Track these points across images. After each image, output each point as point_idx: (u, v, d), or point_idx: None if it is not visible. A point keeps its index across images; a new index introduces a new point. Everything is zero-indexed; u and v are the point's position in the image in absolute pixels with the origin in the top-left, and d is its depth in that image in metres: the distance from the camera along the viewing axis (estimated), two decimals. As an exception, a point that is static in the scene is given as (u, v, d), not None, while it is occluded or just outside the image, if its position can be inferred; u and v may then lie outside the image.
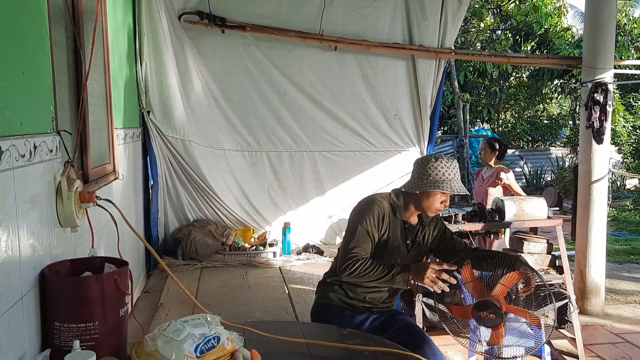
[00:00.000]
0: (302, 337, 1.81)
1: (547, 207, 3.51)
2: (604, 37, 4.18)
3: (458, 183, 2.15)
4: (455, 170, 2.17)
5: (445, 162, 2.17)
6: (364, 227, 2.15)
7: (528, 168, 12.71)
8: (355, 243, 2.13)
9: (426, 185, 2.14)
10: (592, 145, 4.24)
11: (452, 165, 2.17)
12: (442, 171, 2.14)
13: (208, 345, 1.47)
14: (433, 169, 2.15)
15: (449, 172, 2.14)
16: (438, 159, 2.18)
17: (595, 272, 4.32)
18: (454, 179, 2.15)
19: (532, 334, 2.98)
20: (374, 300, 2.26)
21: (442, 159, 2.18)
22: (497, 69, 12.76)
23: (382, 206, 2.21)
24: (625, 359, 3.53)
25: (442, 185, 2.12)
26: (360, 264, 2.09)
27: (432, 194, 2.15)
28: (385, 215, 2.20)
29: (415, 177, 2.22)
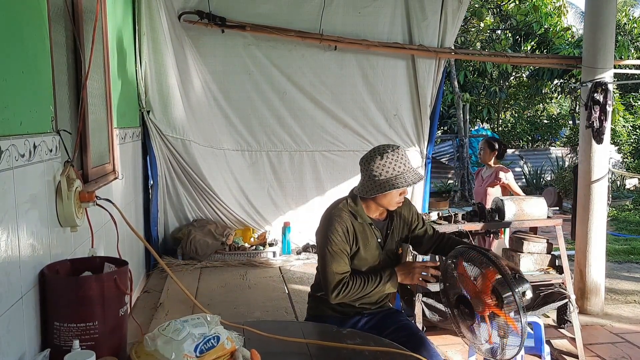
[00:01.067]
0: (302, 337, 1.81)
1: (547, 206, 3.51)
2: (604, 37, 4.18)
3: (411, 173, 2.03)
4: (403, 160, 2.04)
5: (391, 155, 2.03)
6: (333, 248, 2.06)
7: (528, 168, 12.71)
8: (334, 268, 2.05)
9: (378, 187, 2.03)
10: (592, 145, 4.24)
11: (398, 157, 2.03)
12: (391, 167, 2.02)
13: (208, 345, 1.47)
14: (380, 167, 2.02)
15: (398, 165, 2.02)
16: (382, 154, 2.03)
17: (595, 272, 4.32)
18: (405, 170, 2.03)
19: (532, 333, 2.98)
20: (366, 304, 2.22)
21: (386, 153, 2.04)
22: (497, 68, 12.76)
23: (342, 218, 2.09)
24: (625, 358, 3.54)
25: (395, 182, 2.01)
26: (350, 287, 2.04)
27: (388, 192, 2.04)
28: (349, 226, 2.09)
29: (365, 180, 2.09)
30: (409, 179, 2.02)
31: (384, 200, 2.09)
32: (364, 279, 2.07)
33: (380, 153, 2.04)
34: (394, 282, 2.08)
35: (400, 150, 2.06)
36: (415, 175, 2.04)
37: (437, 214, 3.73)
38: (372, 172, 2.04)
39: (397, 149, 2.06)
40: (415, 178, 2.03)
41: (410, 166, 2.06)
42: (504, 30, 12.85)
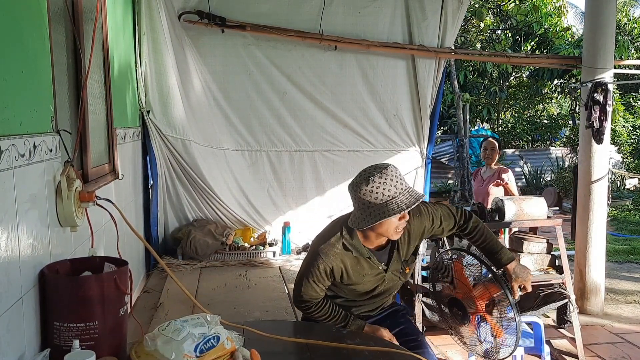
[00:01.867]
0: (302, 337, 1.81)
1: (547, 207, 3.51)
2: (604, 37, 4.18)
3: (405, 195, 1.81)
4: (394, 181, 1.82)
5: (379, 178, 1.81)
6: (311, 279, 1.96)
7: (528, 168, 12.71)
8: (304, 292, 1.98)
9: (368, 218, 1.82)
10: (592, 145, 4.24)
11: (389, 179, 1.82)
12: (381, 191, 1.80)
13: (208, 344, 1.47)
14: (368, 194, 1.82)
15: (389, 188, 1.81)
16: (369, 179, 1.82)
17: (595, 272, 4.32)
18: (398, 192, 1.81)
19: (531, 333, 2.98)
20: (368, 312, 2.18)
21: (374, 176, 1.82)
22: (497, 68, 12.76)
23: (329, 258, 1.93)
24: (625, 358, 3.54)
25: (387, 210, 1.79)
26: (313, 312, 2.01)
27: (384, 221, 1.83)
28: (336, 265, 1.95)
29: (357, 210, 1.88)
30: (402, 203, 1.79)
31: (381, 229, 1.89)
32: (329, 315, 2.01)
33: (366, 178, 1.84)
34: (359, 331, 2.01)
35: (388, 171, 1.84)
36: (410, 197, 1.81)
37: (437, 214, 3.72)
38: (361, 200, 1.85)
39: (384, 170, 1.84)
40: (410, 200, 1.80)
41: (405, 186, 1.84)
42: (504, 30, 12.85)
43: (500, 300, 1.95)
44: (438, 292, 2.14)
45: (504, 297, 1.94)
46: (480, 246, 2.16)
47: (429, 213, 2.08)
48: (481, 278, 1.99)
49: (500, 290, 1.94)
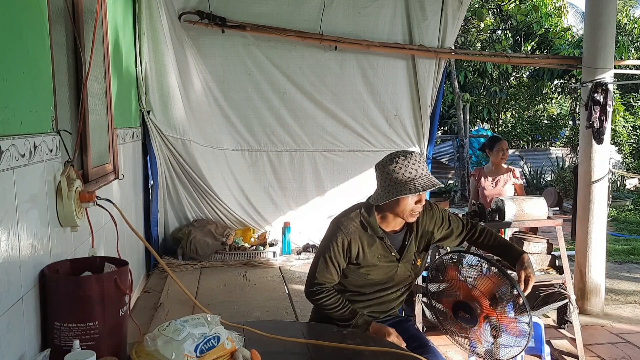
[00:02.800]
0: (302, 337, 1.81)
1: (547, 207, 3.51)
2: (604, 37, 4.18)
3: (424, 179, 1.93)
4: (417, 166, 1.94)
5: (403, 160, 1.94)
6: (328, 256, 2.02)
7: (528, 168, 12.71)
8: (319, 273, 2.03)
9: (388, 193, 1.94)
10: (592, 145, 4.23)
11: (412, 162, 1.94)
12: (402, 171, 1.92)
13: (208, 345, 1.47)
14: (392, 173, 1.94)
15: (410, 170, 1.92)
16: (394, 160, 1.95)
17: (595, 272, 4.31)
18: (417, 176, 1.92)
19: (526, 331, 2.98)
20: (374, 313, 2.16)
21: (399, 158, 1.95)
22: (497, 68, 12.76)
23: (348, 230, 2.01)
24: (625, 359, 3.53)
25: (405, 188, 1.90)
26: (323, 298, 2.02)
27: (400, 200, 1.94)
28: (353, 239, 2.01)
29: (379, 187, 2.02)
30: (419, 185, 1.90)
31: (398, 208, 1.98)
32: (338, 305, 2.02)
33: (391, 158, 1.97)
34: (363, 329, 2.00)
35: (413, 156, 1.97)
36: (428, 182, 1.92)
37: (437, 214, 3.72)
38: (383, 177, 1.97)
39: (409, 155, 1.97)
40: (427, 184, 1.91)
41: (425, 172, 1.95)
42: (504, 31, 12.85)
43: (502, 296, 1.95)
44: (438, 294, 2.14)
45: (507, 290, 1.93)
46: (493, 245, 2.21)
47: (439, 211, 2.18)
48: (480, 277, 1.99)
49: (502, 284, 1.94)
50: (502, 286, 1.95)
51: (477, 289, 1.96)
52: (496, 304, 1.96)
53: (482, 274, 1.99)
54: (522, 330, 1.95)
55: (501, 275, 1.97)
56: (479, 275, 1.99)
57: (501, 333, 1.96)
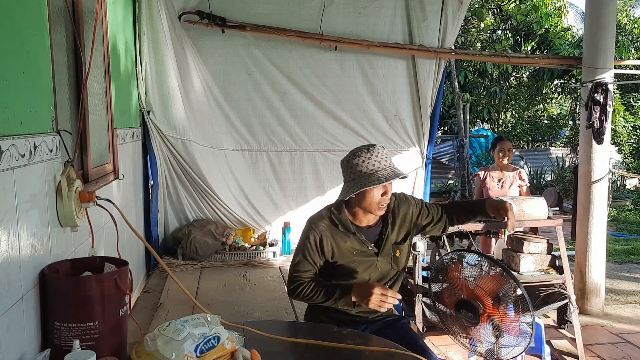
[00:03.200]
0: (302, 337, 1.81)
1: (547, 207, 3.51)
2: (604, 37, 4.18)
3: (387, 170, 1.92)
4: (379, 158, 1.94)
5: (366, 153, 1.94)
6: (302, 255, 2.03)
7: (528, 168, 12.71)
8: (295, 268, 2.04)
9: (353, 187, 1.94)
10: (592, 145, 4.23)
11: (374, 154, 1.94)
12: (365, 164, 1.93)
13: (208, 345, 1.47)
14: (355, 167, 1.95)
15: (373, 163, 1.92)
16: (357, 154, 1.96)
17: (595, 272, 4.31)
18: (380, 167, 1.92)
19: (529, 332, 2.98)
20: (363, 313, 2.12)
21: (361, 151, 1.96)
22: (497, 69, 12.76)
23: (318, 228, 2.03)
24: (625, 359, 3.53)
25: (368, 180, 1.91)
26: (302, 289, 2.00)
27: (365, 193, 1.94)
28: (323, 237, 2.02)
29: (344, 182, 2.03)
30: (383, 177, 1.90)
31: (365, 202, 1.99)
32: (318, 289, 2.00)
33: (354, 153, 1.99)
34: (348, 301, 1.93)
35: (375, 149, 1.97)
36: (392, 172, 1.92)
37: (437, 214, 3.72)
38: (347, 173, 1.99)
39: (372, 148, 1.97)
40: (391, 174, 1.91)
41: (388, 164, 1.95)
42: (504, 31, 12.85)
43: (505, 295, 1.94)
44: (440, 294, 2.14)
45: (510, 290, 1.93)
46: (471, 208, 2.32)
47: (414, 201, 2.22)
48: (482, 277, 1.99)
49: (505, 283, 1.94)
50: (506, 285, 1.95)
51: (480, 288, 1.96)
52: (499, 303, 1.96)
53: (483, 272, 1.99)
54: (524, 330, 1.95)
55: (504, 275, 1.97)
56: (481, 275, 1.99)
57: (503, 333, 1.96)
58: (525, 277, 3.23)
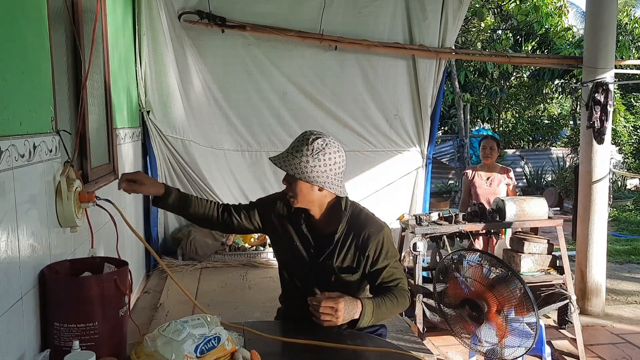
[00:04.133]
0: (302, 337, 1.81)
1: (548, 207, 3.51)
2: (605, 37, 4.18)
3: (282, 154, 1.84)
4: (292, 142, 1.84)
5: (299, 136, 1.85)
6: (257, 200, 2.10)
7: (529, 168, 12.71)
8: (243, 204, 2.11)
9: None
10: (593, 145, 4.23)
11: (296, 139, 1.84)
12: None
13: (208, 345, 1.47)
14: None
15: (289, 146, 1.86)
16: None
17: (596, 273, 4.31)
18: (285, 150, 1.84)
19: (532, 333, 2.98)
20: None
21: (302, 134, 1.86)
22: (498, 68, 12.76)
23: (274, 198, 2.02)
24: (625, 359, 3.53)
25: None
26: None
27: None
28: (273, 210, 1.98)
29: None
30: (275, 157, 1.85)
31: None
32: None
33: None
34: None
35: (304, 134, 1.84)
36: (279, 156, 1.83)
37: (437, 215, 3.72)
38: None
39: (305, 133, 1.85)
40: (276, 157, 1.84)
41: (289, 149, 1.83)
42: (505, 30, 12.85)
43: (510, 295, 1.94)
44: (444, 292, 2.14)
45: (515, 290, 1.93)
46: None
47: (382, 244, 1.87)
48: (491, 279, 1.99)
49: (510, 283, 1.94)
50: (511, 285, 1.95)
51: (484, 287, 1.96)
52: (504, 303, 1.96)
53: (484, 271, 1.99)
54: (527, 331, 1.95)
55: (509, 275, 1.97)
56: (484, 274, 1.99)
57: (507, 333, 1.96)
58: (525, 277, 3.23)
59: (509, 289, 1.94)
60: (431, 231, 3.52)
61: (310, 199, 1.85)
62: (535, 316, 1.93)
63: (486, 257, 2.09)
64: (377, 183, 5.04)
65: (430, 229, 3.53)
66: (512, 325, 1.95)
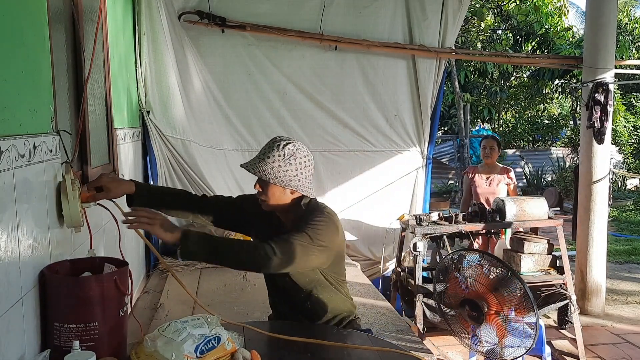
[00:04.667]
0: (302, 337, 1.81)
1: (548, 207, 3.51)
2: (605, 37, 4.18)
3: (253, 160, 1.91)
4: (262, 148, 1.91)
5: (270, 141, 1.93)
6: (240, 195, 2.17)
7: (529, 168, 12.71)
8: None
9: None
10: (593, 145, 4.23)
11: (266, 145, 1.92)
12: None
13: (208, 345, 1.47)
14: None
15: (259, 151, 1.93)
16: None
17: (596, 273, 4.31)
18: (256, 156, 1.92)
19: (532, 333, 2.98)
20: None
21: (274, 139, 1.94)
22: (498, 68, 12.76)
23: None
24: (625, 359, 3.53)
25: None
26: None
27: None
28: (253, 198, 2.01)
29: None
30: (246, 162, 1.93)
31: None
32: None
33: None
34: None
35: (273, 140, 1.92)
36: (249, 161, 1.91)
37: (437, 215, 3.73)
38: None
39: (275, 137, 1.94)
40: (247, 162, 1.91)
41: (260, 154, 1.91)
42: (505, 30, 12.85)
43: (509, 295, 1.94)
44: (444, 292, 2.14)
45: (515, 290, 1.93)
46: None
47: (310, 216, 1.89)
48: (491, 279, 1.99)
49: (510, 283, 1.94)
50: (511, 285, 1.96)
51: (484, 287, 1.96)
52: (503, 303, 1.96)
53: (484, 271, 1.99)
54: (527, 331, 1.95)
55: (509, 275, 1.97)
56: (484, 274, 1.99)
57: (507, 333, 1.96)
58: (525, 277, 3.23)
59: (509, 289, 1.94)
60: (431, 231, 3.52)
61: (282, 201, 1.91)
62: (535, 316, 1.93)
63: (486, 257, 2.09)
64: (377, 183, 5.04)
65: (430, 229, 3.53)
66: (512, 325, 1.95)
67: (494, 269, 2.00)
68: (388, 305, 3.09)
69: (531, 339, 1.92)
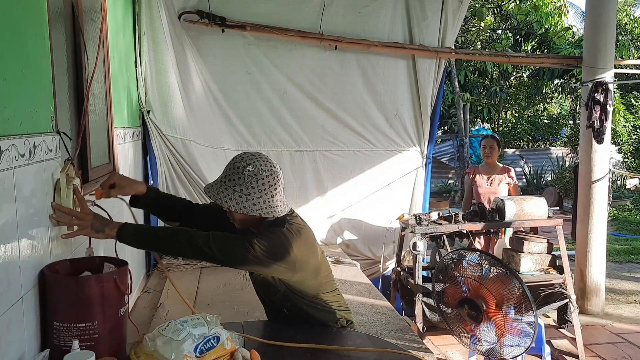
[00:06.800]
0: (302, 337, 1.81)
1: (548, 206, 3.51)
2: (605, 37, 4.18)
3: (215, 188, 1.84)
4: (224, 171, 1.87)
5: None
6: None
7: (528, 168, 12.71)
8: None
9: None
10: (593, 144, 4.24)
11: (228, 163, 1.87)
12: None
13: (208, 345, 1.47)
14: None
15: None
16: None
17: (595, 272, 4.31)
18: (216, 182, 1.86)
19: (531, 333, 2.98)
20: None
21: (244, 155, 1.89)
22: (498, 68, 12.76)
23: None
24: (625, 358, 3.53)
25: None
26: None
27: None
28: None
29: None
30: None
31: None
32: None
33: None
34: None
35: (235, 157, 1.89)
36: (212, 186, 1.86)
37: (437, 214, 3.73)
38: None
39: (240, 154, 1.90)
40: (209, 189, 1.86)
41: (222, 175, 1.87)
42: (505, 30, 12.85)
43: (508, 295, 1.95)
44: (443, 292, 2.14)
45: (514, 290, 1.94)
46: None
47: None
48: (490, 278, 1.99)
49: (509, 283, 1.94)
50: (509, 285, 1.96)
51: (483, 286, 1.96)
52: (502, 302, 1.96)
53: (484, 271, 1.99)
54: (526, 330, 1.95)
55: (508, 275, 1.97)
56: (483, 274, 1.99)
57: (506, 333, 1.96)
58: (525, 277, 3.23)
59: (508, 288, 1.94)
60: (431, 231, 3.52)
61: (249, 221, 1.86)
62: (533, 315, 1.93)
63: (485, 256, 2.09)
64: (377, 183, 5.04)
65: (430, 228, 3.53)
66: (511, 324, 1.95)
67: (493, 268, 2.00)
68: (388, 304, 3.09)
69: (530, 338, 1.93)
